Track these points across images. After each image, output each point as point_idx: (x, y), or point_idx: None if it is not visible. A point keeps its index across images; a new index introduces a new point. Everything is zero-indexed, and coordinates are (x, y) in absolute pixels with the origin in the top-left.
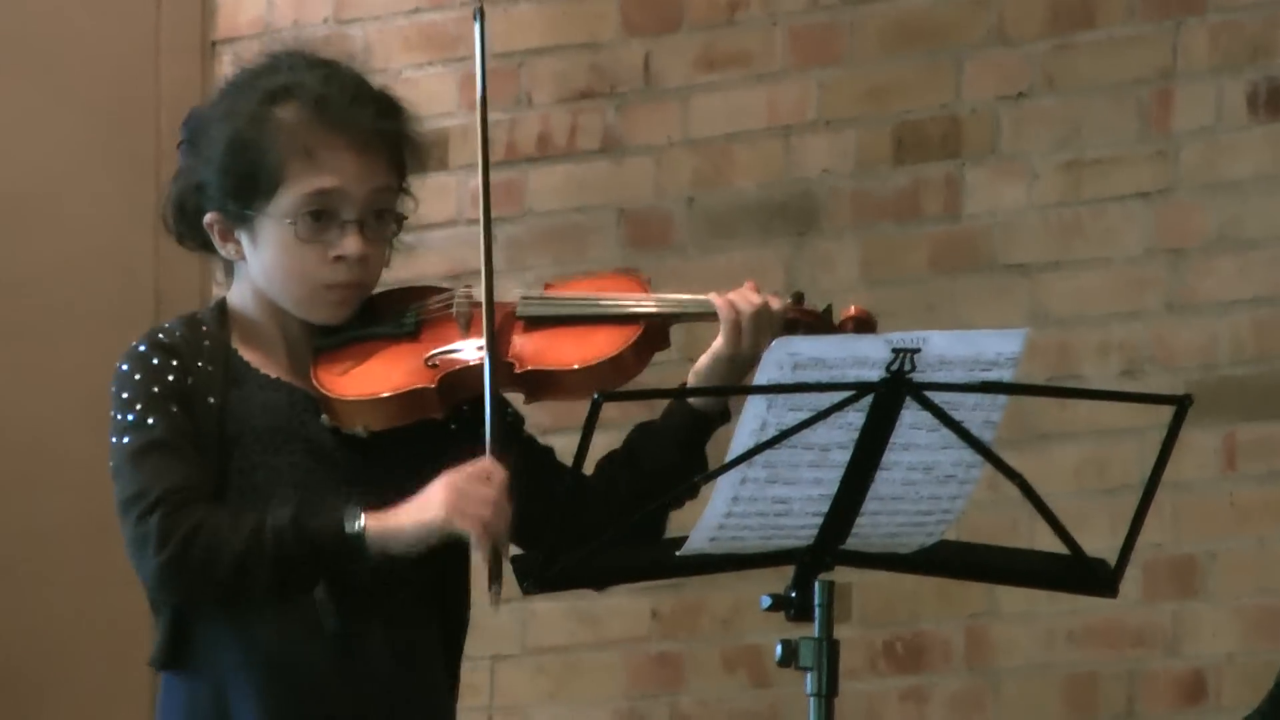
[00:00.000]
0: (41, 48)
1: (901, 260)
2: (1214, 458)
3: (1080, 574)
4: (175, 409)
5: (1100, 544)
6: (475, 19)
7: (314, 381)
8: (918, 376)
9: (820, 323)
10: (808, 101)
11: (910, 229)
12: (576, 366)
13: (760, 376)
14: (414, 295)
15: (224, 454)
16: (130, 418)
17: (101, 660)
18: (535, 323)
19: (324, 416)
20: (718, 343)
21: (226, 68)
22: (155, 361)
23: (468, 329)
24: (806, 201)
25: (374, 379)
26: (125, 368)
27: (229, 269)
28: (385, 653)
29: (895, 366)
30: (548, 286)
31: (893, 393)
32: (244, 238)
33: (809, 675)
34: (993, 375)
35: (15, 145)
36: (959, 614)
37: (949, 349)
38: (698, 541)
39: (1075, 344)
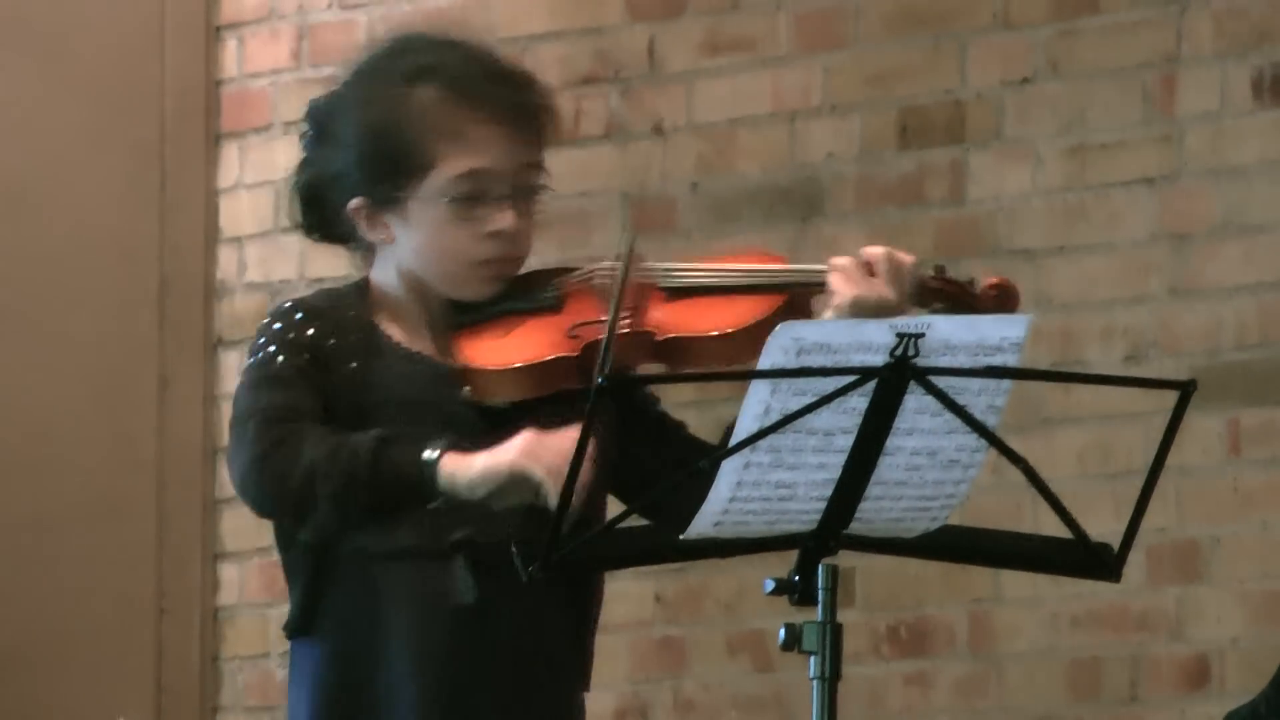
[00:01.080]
0: (46, 33)
1: (906, 245)
2: (1218, 442)
3: (1084, 559)
4: (307, 357)
5: (1104, 528)
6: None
7: (456, 352)
8: (922, 361)
9: (961, 292)
10: (812, 86)
11: (915, 214)
12: (716, 333)
13: (764, 361)
14: (550, 274)
15: (361, 424)
16: (259, 355)
17: (104, 646)
18: (677, 293)
19: (465, 389)
20: (840, 292)
21: (230, 52)
22: (299, 317)
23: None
24: (811, 186)
25: (516, 349)
26: (267, 320)
27: (366, 253)
28: (519, 628)
29: (899, 351)
30: (692, 259)
31: (897, 377)
32: (394, 220)
33: (812, 659)
34: (997, 360)
35: (20, 130)
36: (963, 598)
37: (953, 334)
38: (702, 526)
39: (1079, 329)
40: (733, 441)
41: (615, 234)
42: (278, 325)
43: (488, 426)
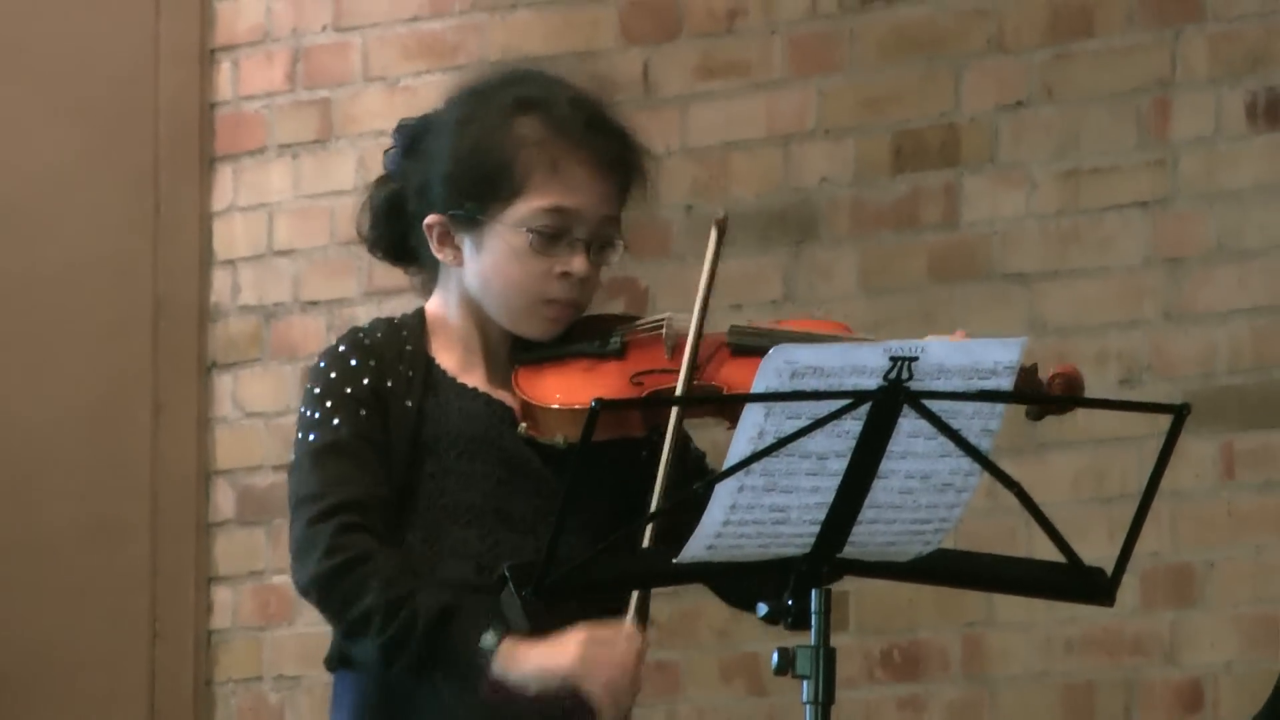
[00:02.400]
0: (41, 55)
1: (900, 269)
2: (1212, 466)
3: (1078, 583)
4: (364, 412)
5: (1098, 553)
6: (715, 230)
7: (516, 388)
8: (915, 385)
9: (1025, 380)
10: (807, 110)
11: (909, 238)
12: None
13: (758, 384)
14: (616, 321)
15: (417, 459)
16: (318, 415)
17: (97, 669)
18: (742, 351)
19: (522, 425)
20: None
21: (225, 75)
22: (354, 363)
23: (674, 352)
24: (805, 210)
25: (579, 390)
26: (322, 365)
27: (429, 279)
28: None
29: (893, 375)
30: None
31: (890, 401)
32: (467, 242)
33: (806, 684)
34: (991, 384)
35: (14, 152)
36: (956, 622)
37: (947, 357)
38: (695, 550)
39: (1073, 353)
40: (726, 465)
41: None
42: (334, 374)
43: (543, 464)
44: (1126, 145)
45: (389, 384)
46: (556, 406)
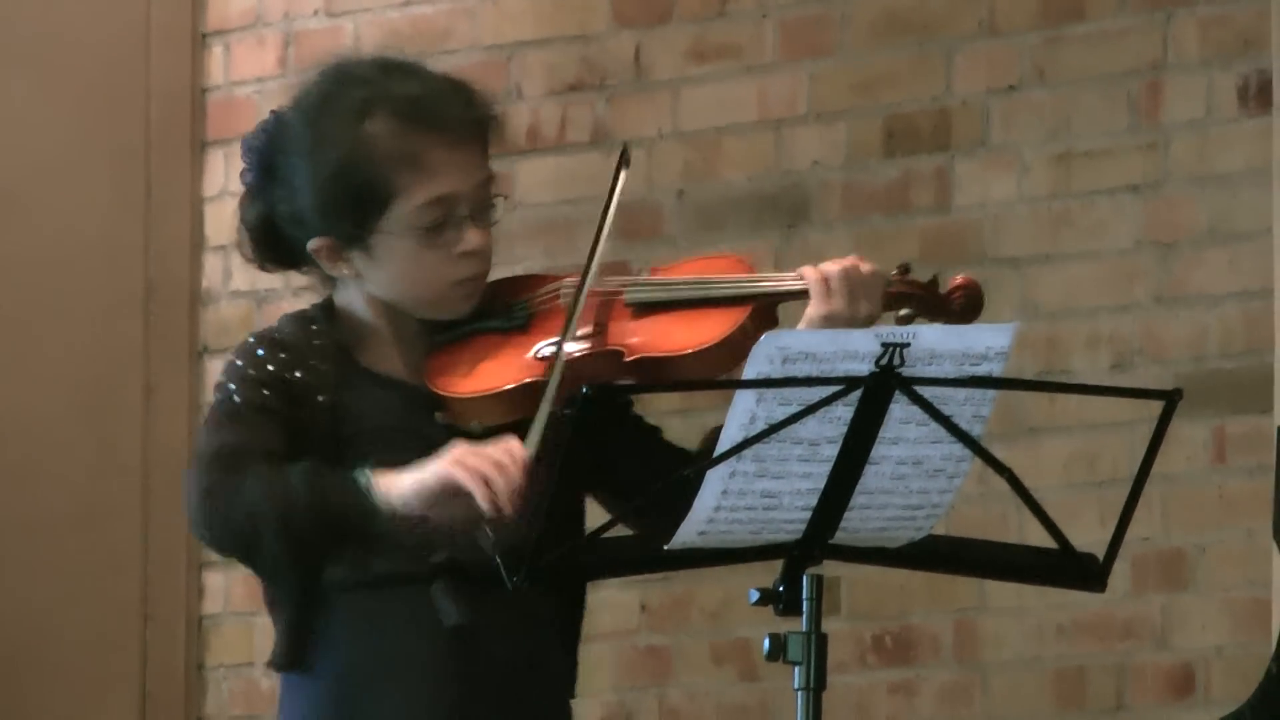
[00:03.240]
0: (31, 39)
1: (891, 252)
2: (1203, 450)
3: (1069, 568)
4: (268, 393)
5: (1089, 537)
6: (620, 162)
7: (428, 379)
8: (907, 370)
9: (928, 293)
10: (798, 94)
11: (900, 221)
12: (692, 350)
13: (749, 370)
14: (521, 286)
15: (337, 453)
16: (218, 396)
17: (88, 653)
18: (643, 309)
19: (440, 414)
20: (810, 308)
21: (217, 59)
22: (260, 353)
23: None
24: (797, 194)
25: (486, 375)
26: (232, 358)
27: (326, 280)
28: (505, 644)
29: (884, 360)
30: (653, 271)
31: (882, 387)
32: (358, 256)
33: (797, 669)
34: (982, 369)
35: (5, 136)
36: (948, 608)
37: (938, 343)
38: (686, 535)
39: (1065, 337)
40: (718, 451)
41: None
42: (239, 362)
43: None
44: (1118, 128)
45: (298, 375)
46: (464, 395)
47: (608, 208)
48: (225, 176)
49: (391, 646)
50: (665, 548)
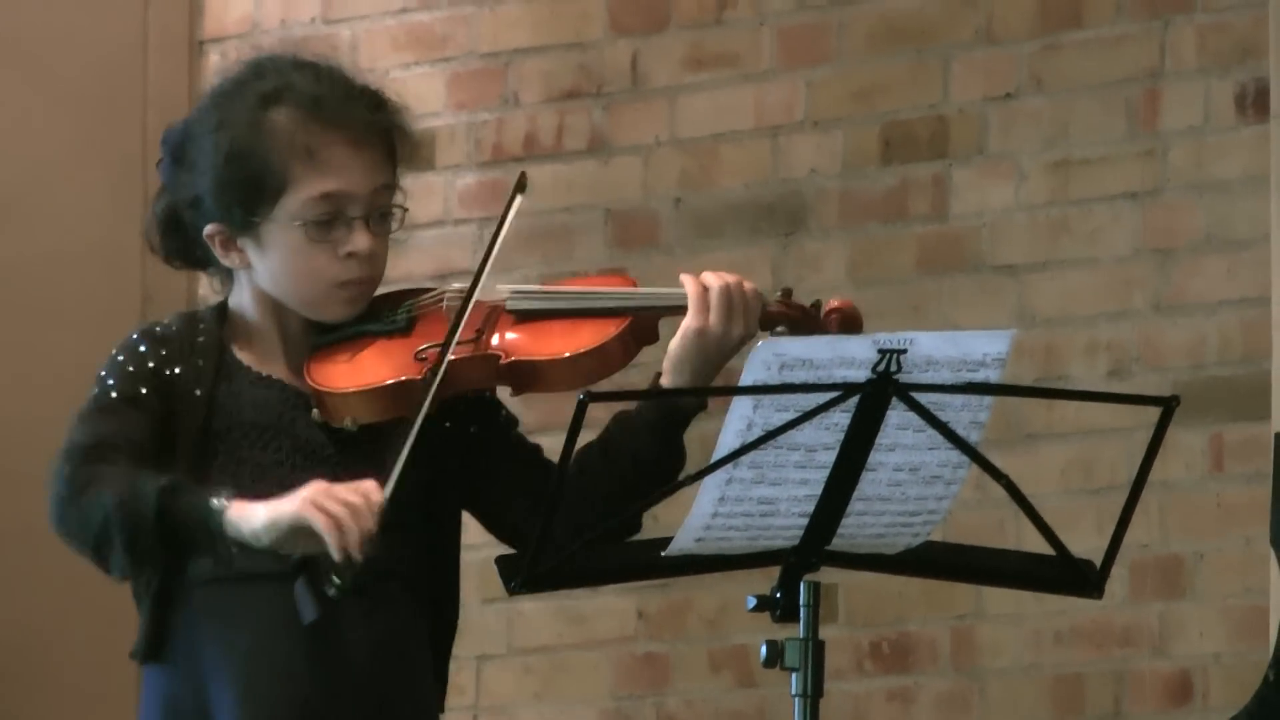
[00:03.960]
0: (29, 46)
1: (889, 260)
2: (1201, 458)
3: (1066, 575)
4: (144, 390)
5: (1087, 544)
6: (516, 187)
7: (305, 375)
8: (904, 377)
9: (804, 316)
10: (795, 101)
11: (897, 229)
12: (565, 355)
13: (747, 377)
14: (407, 295)
15: (210, 449)
16: (95, 389)
17: (86, 658)
18: (524, 316)
19: (314, 412)
20: (685, 319)
21: (214, 66)
22: (142, 349)
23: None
24: (794, 201)
25: (363, 371)
26: (113, 351)
27: (225, 278)
28: (366, 646)
29: (882, 367)
30: (543, 283)
31: (879, 393)
32: (249, 245)
33: (795, 676)
34: (980, 376)
35: (3, 144)
36: (945, 614)
37: (936, 350)
38: (684, 542)
39: (1062, 344)
40: (715, 457)
41: (598, 250)
42: (120, 356)
43: (336, 450)
44: (1116, 136)
45: (177, 371)
46: (339, 390)
47: (500, 227)
48: None
49: (249, 641)
50: (663, 554)
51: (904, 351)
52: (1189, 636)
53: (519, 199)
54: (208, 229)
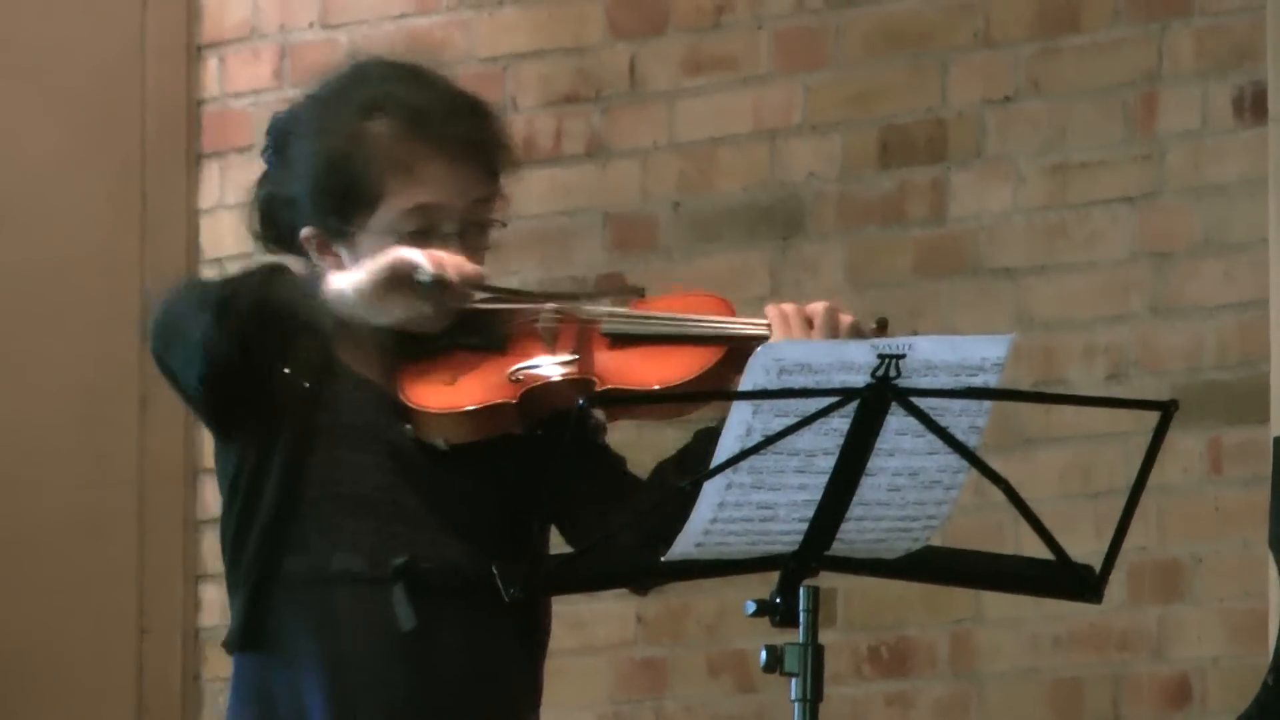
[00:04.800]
0: (27, 50)
1: (887, 264)
2: (1199, 461)
3: (1065, 579)
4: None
5: (1085, 548)
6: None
7: (399, 389)
8: (903, 382)
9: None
10: (793, 105)
11: (895, 233)
12: (656, 387)
13: (746, 382)
14: (499, 299)
15: (308, 443)
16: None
17: (84, 665)
18: (620, 340)
19: (407, 426)
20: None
21: (211, 71)
22: None
23: (553, 344)
24: (792, 205)
25: (457, 392)
26: None
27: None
28: (460, 656)
29: (881, 372)
30: (638, 304)
31: (878, 398)
32: (344, 251)
33: (794, 680)
34: (978, 380)
35: (1, 147)
36: (944, 619)
37: (934, 354)
38: (683, 547)
39: (1061, 348)
40: (714, 463)
41: (596, 254)
42: None
43: (428, 460)
44: (1113, 140)
45: (289, 357)
46: (434, 410)
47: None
48: (220, 189)
49: (344, 644)
50: (662, 559)
51: (903, 356)
52: (1187, 640)
53: None
54: (304, 231)
